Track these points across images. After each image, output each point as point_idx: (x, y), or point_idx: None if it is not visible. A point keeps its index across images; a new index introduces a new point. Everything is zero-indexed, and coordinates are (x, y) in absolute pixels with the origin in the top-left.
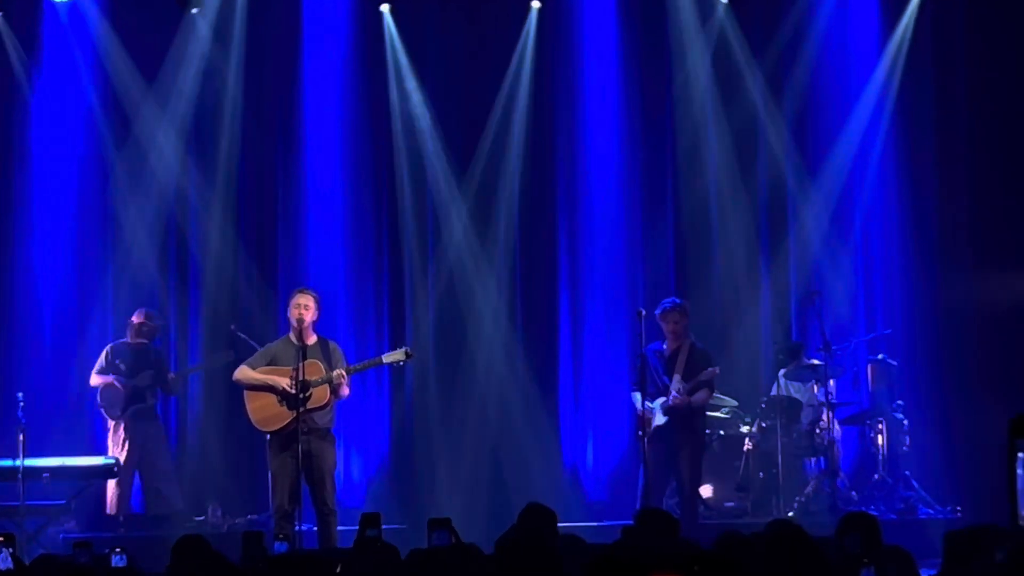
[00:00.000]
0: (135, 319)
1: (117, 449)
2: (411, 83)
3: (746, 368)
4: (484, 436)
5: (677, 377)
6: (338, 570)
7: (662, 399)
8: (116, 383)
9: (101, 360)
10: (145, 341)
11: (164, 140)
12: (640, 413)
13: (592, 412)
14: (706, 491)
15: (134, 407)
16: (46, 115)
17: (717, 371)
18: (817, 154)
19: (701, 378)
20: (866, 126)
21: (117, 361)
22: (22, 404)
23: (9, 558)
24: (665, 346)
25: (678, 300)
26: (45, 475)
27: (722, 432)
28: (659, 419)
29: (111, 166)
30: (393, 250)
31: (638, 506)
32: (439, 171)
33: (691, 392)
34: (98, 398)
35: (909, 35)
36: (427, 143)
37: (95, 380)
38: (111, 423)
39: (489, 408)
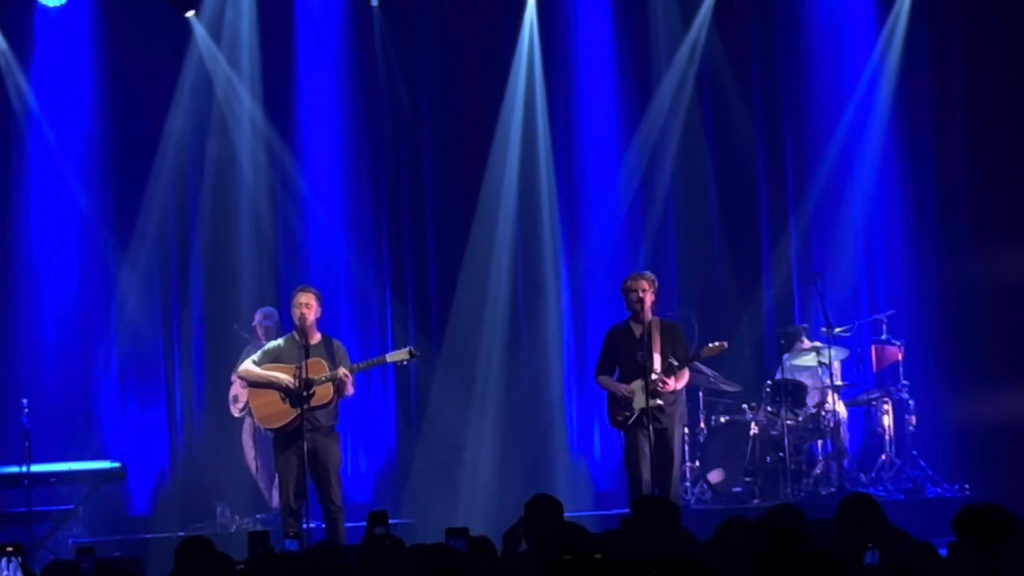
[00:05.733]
0: (256, 319)
1: (248, 446)
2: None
3: (750, 353)
4: (491, 428)
5: (658, 358)
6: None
7: (639, 381)
8: (237, 382)
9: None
10: (260, 338)
11: (166, 139)
12: (623, 395)
13: (598, 401)
14: (714, 476)
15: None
16: (46, 116)
17: (726, 346)
18: (816, 135)
19: (706, 354)
20: (864, 105)
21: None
22: (27, 410)
23: (19, 568)
24: (633, 323)
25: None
26: (52, 480)
27: (728, 417)
28: (641, 403)
29: (112, 167)
30: (395, 248)
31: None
32: (439, 167)
33: (680, 369)
34: (229, 397)
35: (906, 10)
36: (426, 137)
37: (234, 378)
38: (244, 422)
39: (495, 401)
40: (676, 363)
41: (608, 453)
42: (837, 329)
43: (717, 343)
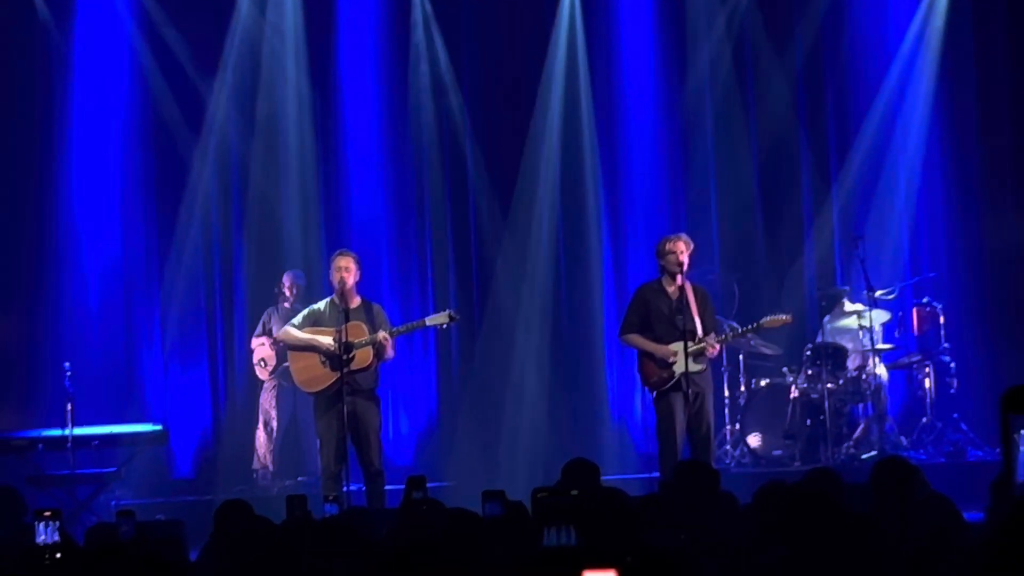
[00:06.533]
0: (284, 281)
1: (268, 406)
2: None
3: (792, 315)
4: (531, 391)
5: (698, 321)
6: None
7: (679, 343)
8: (267, 344)
9: (259, 326)
10: (290, 303)
11: (211, 103)
12: (663, 355)
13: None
14: (754, 440)
15: (283, 366)
16: (89, 78)
17: (790, 319)
18: (859, 97)
19: (766, 325)
20: (908, 66)
21: (271, 324)
22: (69, 373)
23: (56, 532)
24: (666, 283)
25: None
26: (94, 443)
27: (768, 381)
28: (683, 366)
29: (156, 131)
30: (436, 211)
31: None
32: (481, 130)
33: (733, 337)
34: (252, 359)
35: None
36: (468, 100)
37: (253, 343)
38: (265, 383)
39: (536, 363)
40: (737, 327)
41: (650, 416)
42: (878, 292)
43: (782, 316)
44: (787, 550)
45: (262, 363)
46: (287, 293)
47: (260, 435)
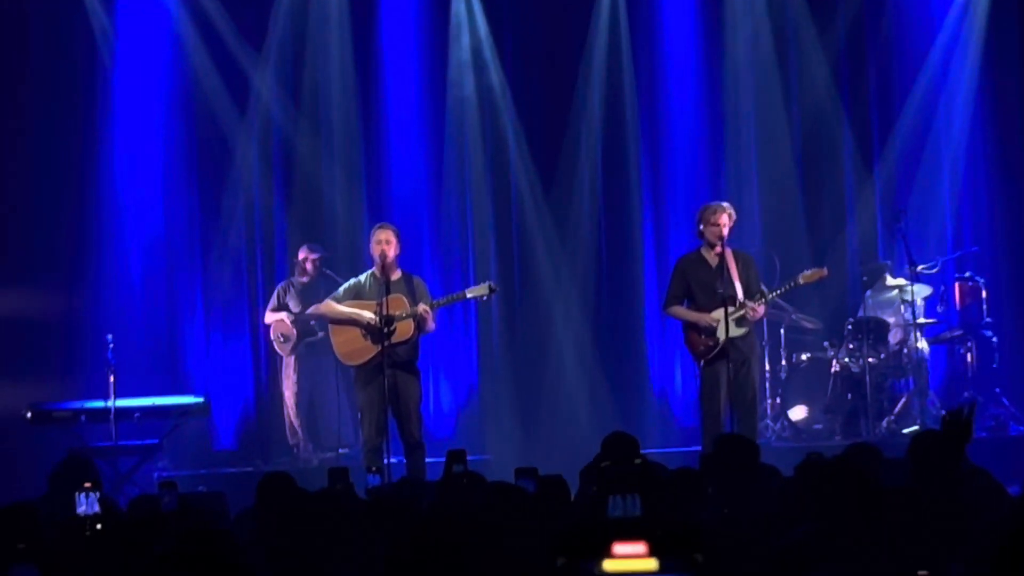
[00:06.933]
0: (300, 256)
1: (289, 383)
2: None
3: (832, 290)
4: (572, 364)
5: (739, 286)
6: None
7: (721, 311)
8: (286, 320)
9: (273, 299)
10: (310, 277)
11: (259, 81)
12: (706, 324)
13: (680, 336)
14: (795, 413)
15: (304, 342)
16: (131, 54)
17: (826, 272)
18: (903, 71)
19: (803, 280)
20: (952, 40)
21: (287, 299)
22: (112, 346)
23: (96, 503)
24: (705, 252)
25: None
26: (136, 415)
27: (809, 354)
28: (724, 333)
29: (199, 101)
30: (476, 183)
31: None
32: (522, 102)
33: (770, 295)
34: (271, 334)
35: None
36: (509, 71)
37: (268, 318)
38: (285, 359)
39: (576, 336)
40: (765, 289)
41: (690, 389)
42: (920, 266)
43: (815, 269)
44: (821, 525)
45: (281, 338)
46: (307, 268)
47: (289, 411)
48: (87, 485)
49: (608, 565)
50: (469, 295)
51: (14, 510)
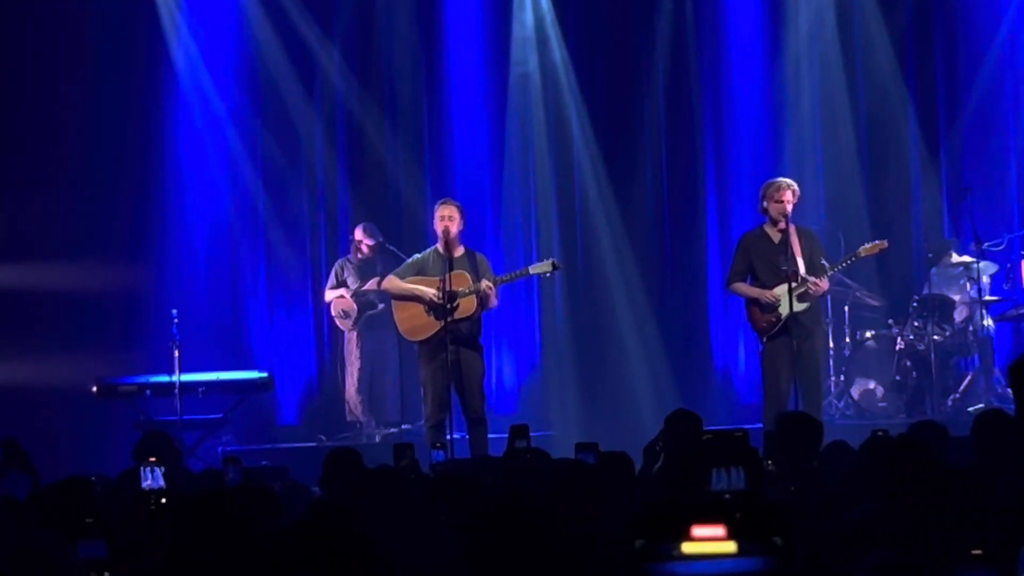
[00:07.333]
0: (356, 236)
1: (352, 359)
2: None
3: (897, 267)
4: (634, 341)
5: (802, 262)
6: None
7: (783, 286)
8: (346, 296)
9: (332, 277)
10: (367, 255)
11: (325, 59)
12: (768, 300)
13: (743, 313)
14: (859, 392)
15: (364, 316)
16: (197, 24)
17: (886, 245)
18: (970, 48)
19: (864, 253)
20: (1019, 17)
21: (345, 276)
22: (176, 321)
23: (161, 477)
24: (769, 229)
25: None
26: (200, 389)
27: (873, 332)
28: (787, 309)
29: (262, 76)
30: (539, 160)
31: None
32: (585, 81)
33: (830, 270)
34: (332, 311)
35: None
36: (573, 49)
37: (328, 295)
38: (347, 335)
39: (639, 312)
40: (826, 264)
41: (753, 366)
42: (986, 244)
43: (876, 242)
44: (884, 503)
45: (343, 314)
46: (362, 249)
47: (350, 387)
48: (152, 460)
49: (687, 548)
50: (532, 271)
51: (72, 484)
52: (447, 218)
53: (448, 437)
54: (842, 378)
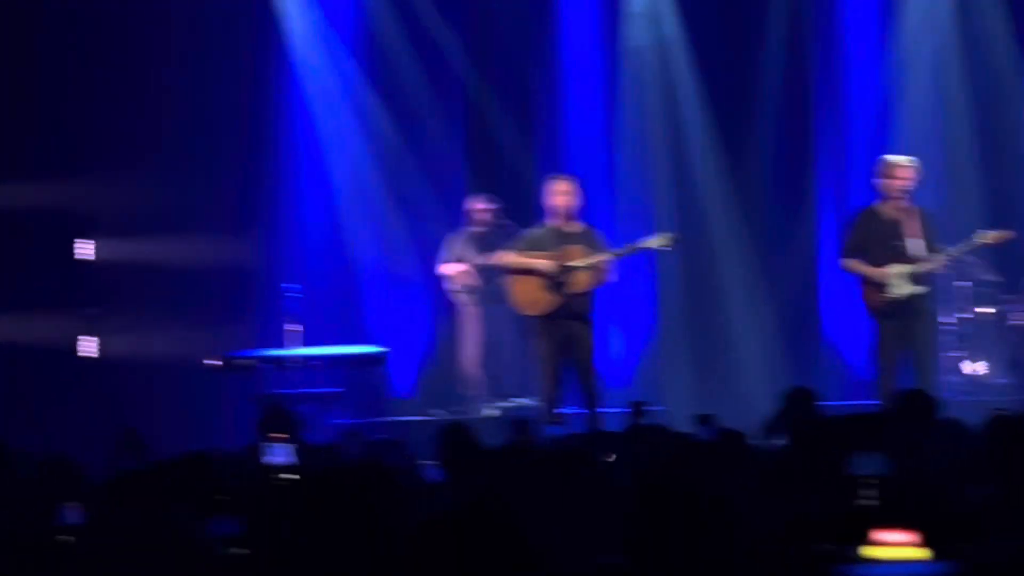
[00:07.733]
0: (477, 205)
1: (471, 332)
2: None
3: (1016, 244)
4: (749, 316)
5: (921, 243)
6: (611, 459)
7: (896, 266)
8: (466, 269)
9: (446, 251)
10: (488, 227)
11: (442, 37)
12: (881, 280)
13: (855, 289)
14: (975, 368)
15: (483, 291)
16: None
17: (1012, 235)
18: None
19: (987, 242)
20: None
21: (463, 249)
22: (293, 295)
23: (292, 453)
24: (885, 206)
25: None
26: (317, 363)
27: (989, 308)
28: (902, 289)
29: (383, 61)
30: (654, 135)
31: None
32: (701, 62)
33: (949, 256)
34: (449, 285)
35: None
36: (688, 32)
37: (446, 269)
38: (465, 310)
39: (755, 288)
40: (948, 248)
41: (864, 343)
42: None
43: (1002, 231)
44: (1004, 487)
45: (461, 288)
46: (486, 218)
47: (467, 361)
48: (273, 435)
49: (874, 552)
50: (648, 246)
51: (192, 459)
52: (563, 193)
53: (562, 412)
54: (955, 355)
